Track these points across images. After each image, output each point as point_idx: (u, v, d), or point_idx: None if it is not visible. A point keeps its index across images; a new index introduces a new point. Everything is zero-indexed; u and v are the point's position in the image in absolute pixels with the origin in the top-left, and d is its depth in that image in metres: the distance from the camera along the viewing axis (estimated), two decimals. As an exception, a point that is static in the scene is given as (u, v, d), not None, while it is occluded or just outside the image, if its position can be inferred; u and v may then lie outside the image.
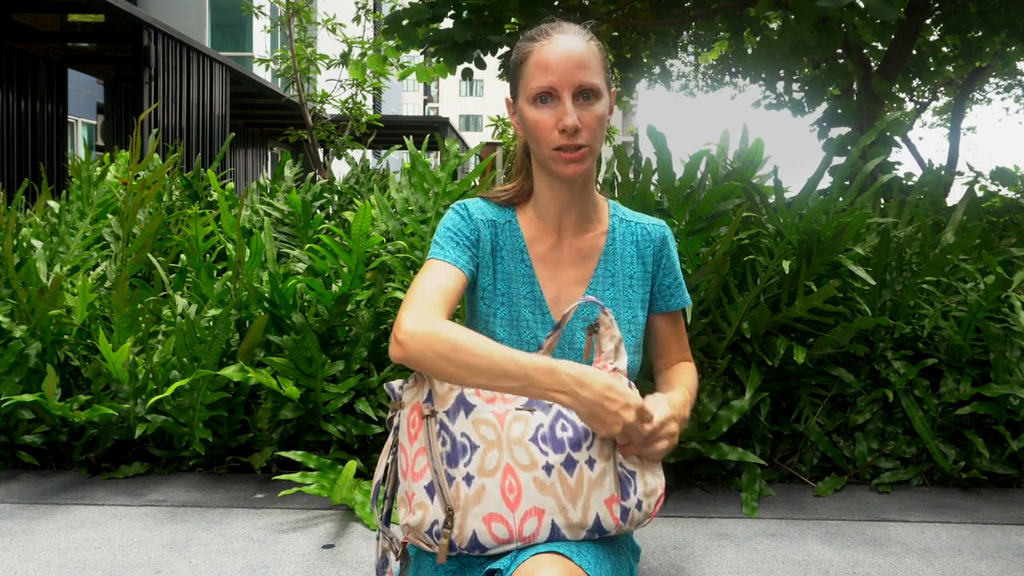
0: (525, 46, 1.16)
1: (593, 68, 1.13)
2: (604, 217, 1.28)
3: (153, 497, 2.28)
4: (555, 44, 1.13)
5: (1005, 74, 10.69)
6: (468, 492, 1.04)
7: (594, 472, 1.07)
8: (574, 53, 1.12)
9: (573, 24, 1.18)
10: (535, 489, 1.04)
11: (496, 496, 1.04)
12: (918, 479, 2.46)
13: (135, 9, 9.33)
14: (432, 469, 1.05)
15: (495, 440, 1.06)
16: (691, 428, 2.31)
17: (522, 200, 1.28)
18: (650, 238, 1.28)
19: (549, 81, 1.12)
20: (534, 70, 1.14)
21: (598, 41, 1.18)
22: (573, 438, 1.07)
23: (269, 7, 15.29)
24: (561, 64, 1.12)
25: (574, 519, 1.05)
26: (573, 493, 1.05)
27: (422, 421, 1.08)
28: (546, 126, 1.14)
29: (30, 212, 3.74)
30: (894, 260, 2.58)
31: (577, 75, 1.12)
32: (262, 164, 18.16)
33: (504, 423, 1.07)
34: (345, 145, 10.98)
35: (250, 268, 2.60)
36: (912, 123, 10.10)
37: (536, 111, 1.15)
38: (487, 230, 1.23)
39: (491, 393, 1.10)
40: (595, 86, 1.14)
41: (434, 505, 1.05)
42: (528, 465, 1.05)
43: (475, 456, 1.05)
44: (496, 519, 1.04)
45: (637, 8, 5.85)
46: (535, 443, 1.06)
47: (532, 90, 1.14)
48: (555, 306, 1.23)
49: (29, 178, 3.94)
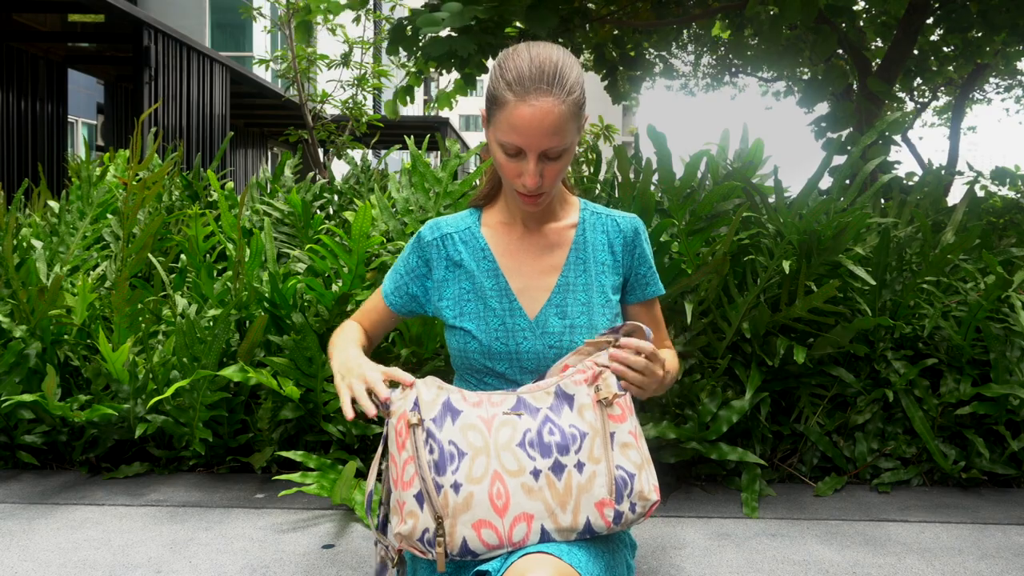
0: (502, 92, 1.14)
1: (564, 131, 1.14)
2: (573, 211, 1.33)
3: (153, 497, 2.28)
4: (528, 108, 1.12)
5: (1005, 74, 10.69)
6: (456, 500, 1.04)
7: (583, 476, 1.07)
8: (546, 121, 1.12)
9: (553, 60, 1.14)
10: (523, 494, 1.05)
11: (484, 503, 1.04)
12: (918, 479, 2.46)
13: (135, 9, 9.33)
14: (420, 478, 1.06)
15: (482, 446, 1.07)
16: (691, 428, 2.31)
17: (491, 202, 1.35)
18: (619, 229, 1.31)
19: (517, 142, 1.14)
20: (505, 124, 1.14)
21: (577, 91, 1.16)
22: (561, 442, 1.08)
23: (269, 7, 15.29)
24: (531, 130, 1.13)
25: (563, 523, 1.06)
26: (562, 497, 1.06)
27: (409, 430, 1.08)
28: (510, 172, 1.18)
29: (30, 212, 3.74)
30: (894, 260, 2.57)
31: (545, 141, 1.14)
32: (262, 164, 18.17)
33: (491, 428, 1.08)
34: (345, 145, 10.98)
35: (250, 268, 2.60)
36: (912, 123, 10.11)
37: (502, 156, 1.18)
38: (436, 250, 1.30)
39: (477, 397, 1.12)
40: (563, 147, 1.16)
41: (424, 513, 1.05)
42: (516, 471, 1.06)
43: (463, 463, 1.06)
44: (485, 525, 1.04)
45: (638, 8, 5.85)
46: (523, 448, 1.07)
47: (500, 140, 1.16)
48: (523, 295, 1.26)
49: (29, 178, 3.93)
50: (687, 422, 2.35)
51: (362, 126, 11.17)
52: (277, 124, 17.15)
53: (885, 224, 2.57)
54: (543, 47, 1.17)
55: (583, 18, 5.42)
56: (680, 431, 2.29)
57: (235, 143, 16.19)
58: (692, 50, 10.41)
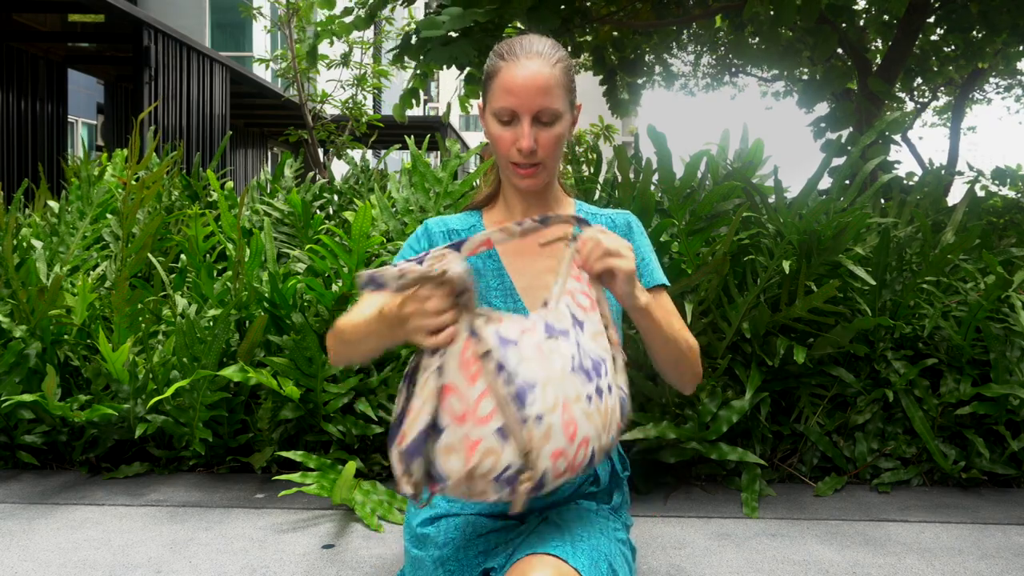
0: (495, 63, 1.22)
1: (555, 93, 1.19)
2: (568, 211, 1.35)
3: (153, 497, 2.28)
4: (520, 68, 1.18)
5: (1005, 74, 10.69)
6: (540, 431, 1.01)
7: (613, 398, 1.10)
8: (537, 79, 1.18)
9: (544, 39, 1.23)
10: (585, 420, 1.05)
11: (560, 432, 1.03)
12: (918, 479, 2.46)
13: (135, 9, 9.33)
14: (501, 412, 1.01)
15: (545, 376, 1.04)
16: (691, 428, 2.31)
17: (491, 203, 1.37)
18: (614, 225, 1.34)
19: (511, 103, 1.19)
20: (498, 90, 1.20)
21: (566, 61, 1.23)
22: (593, 367, 1.09)
23: (269, 7, 15.28)
24: (523, 89, 1.18)
25: (604, 443, 1.09)
26: (605, 420, 1.08)
27: (478, 361, 1.02)
28: (505, 143, 1.22)
29: (30, 212, 3.74)
30: (894, 260, 2.57)
31: (537, 100, 1.18)
32: (262, 164, 18.16)
33: (544, 356, 1.06)
34: (345, 145, 10.98)
35: (250, 268, 2.60)
36: (912, 123, 10.10)
37: (498, 127, 1.22)
38: (442, 240, 1.31)
39: (513, 322, 1.07)
40: (555, 110, 1.20)
41: (507, 449, 1.00)
42: (575, 398, 1.05)
43: (537, 394, 1.03)
44: (560, 455, 1.03)
45: (638, 9, 5.84)
46: (575, 373, 1.07)
47: (495, 108, 1.21)
48: (526, 294, 1.28)
49: (29, 178, 3.93)
50: (687, 422, 2.35)
51: (362, 126, 11.17)
52: (277, 124, 17.14)
53: (885, 224, 2.57)
54: (535, 35, 1.25)
55: (583, 18, 5.42)
56: (680, 431, 2.29)
57: (235, 143, 16.18)
58: (692, 50, 10.40)
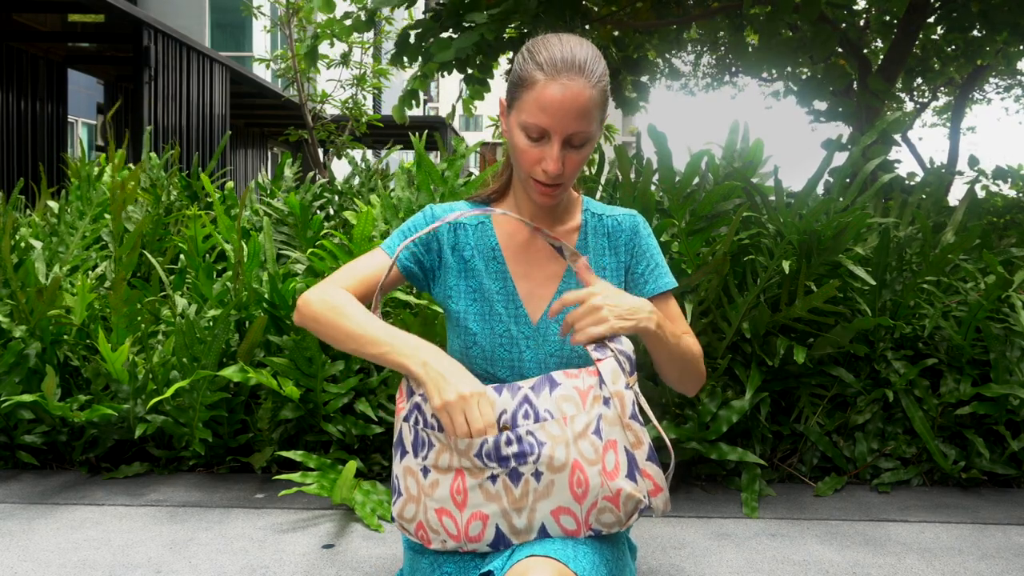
0: (531, 72, 1.12)
1: (592, 116, 1.11)
2: (576, 213, 1.29)
3: (153, 497, 2.28)
4: (559, 88, 1.09)
5: (1005, 74, 10.69)
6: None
7: None
8: (577, 102, 1.09)
9: (585, 46, 1.13)
10: None
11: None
12: (918, 479, 2.46)
13: (135, 9, 9.33)
14: None
15: None
16: (691, 428, 2.31)
17: (500, 199, 1.30)
18: (621, 228, 1.28)
19: (543, 123, 1.11)
20: (532, 104, 1.11)
21: (606, 78, 1.14)
22: None
23: (269, 7, 15.28)
24: (560, 111, 1.09)
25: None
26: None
27: None
28: (530, 160, 1.14)
29: (29, 212, 3.74)
30: (894, 260, 2.57)
31: (573, 125, 1.10)
32: (262, 164, 18.16)
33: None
34: (345, 145, 10.98)
35: (249, 269, 2.60)
36: (912, 123, 10.11)
37: (524, 141, 1.14)
38: (448, 231, 1.25)
39: None
40: (589, 133, 1.13)
41: None
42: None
43: None
44: None
45: (638, 8, 5.84)
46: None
47: (524, 121, 1.12)
48: (528, 301, 1.23)
49: (29, 178, 3.93)
50: (687, 422, 2.35)
51: (362, 126, 11.17)
52: (277, 124, 17.14)
53: (885, 224, 2.57)
54: (573, 37, 1.15)
55: (584, 19, 5.42)
56: (680, 431, 2.28)
57: (235, 143, 16.18)
58: (692, 50, 10.40)
